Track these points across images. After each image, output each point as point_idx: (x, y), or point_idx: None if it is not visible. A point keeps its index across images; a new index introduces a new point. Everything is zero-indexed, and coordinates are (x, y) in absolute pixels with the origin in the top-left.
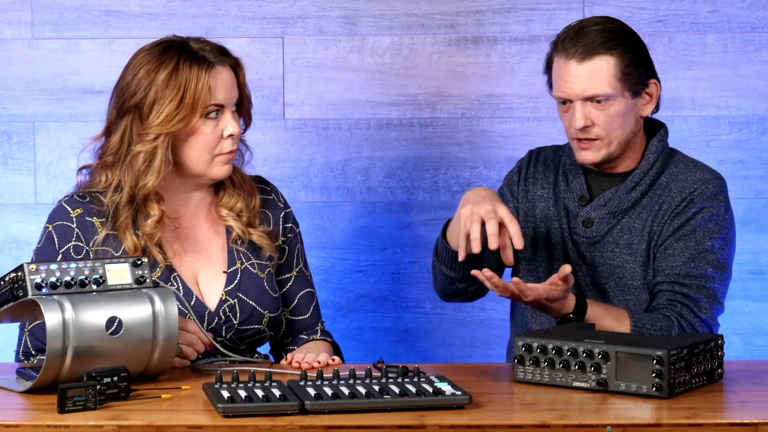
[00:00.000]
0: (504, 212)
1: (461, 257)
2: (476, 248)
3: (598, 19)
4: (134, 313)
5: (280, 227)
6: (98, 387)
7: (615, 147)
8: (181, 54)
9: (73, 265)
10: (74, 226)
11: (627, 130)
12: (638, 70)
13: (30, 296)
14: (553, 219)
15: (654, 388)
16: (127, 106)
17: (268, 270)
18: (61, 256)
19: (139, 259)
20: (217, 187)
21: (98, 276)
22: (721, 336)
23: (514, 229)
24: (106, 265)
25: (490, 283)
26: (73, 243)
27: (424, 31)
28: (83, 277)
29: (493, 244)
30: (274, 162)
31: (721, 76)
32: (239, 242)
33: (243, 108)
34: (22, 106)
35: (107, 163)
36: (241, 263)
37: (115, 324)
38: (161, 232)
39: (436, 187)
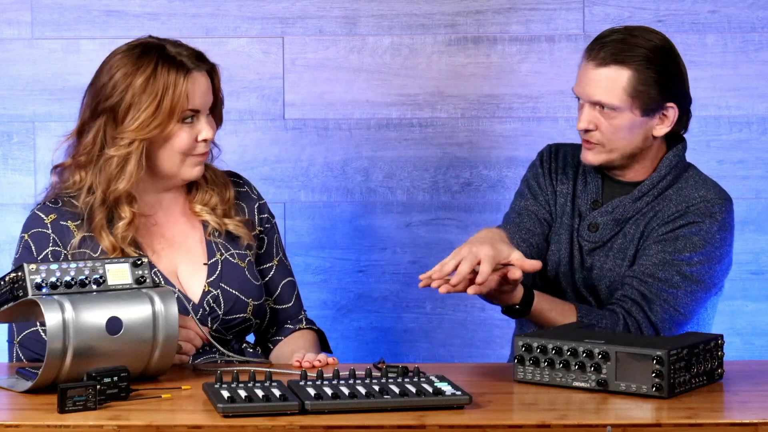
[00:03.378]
0: (485, 255)
1: (434, 285)
2: (435, 284)
3: (638, 29)
4: (134, 313)
5: (256, 217)
6: (98, 387)
7: (616, 156)
8: (159, 58)
9: (73, 265)
10: (50, 231)
11: (632, 144)
12: (655, 90)
13: (30, 296)
14: (567, 216)
15: (654, 388)
16: (102, 107)
17: (248, 259)
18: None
19: (139, 259)
20: (189, 185)
21: (98, 276)
22: (721, 336)
23: (483, 268)
24: (106, 265)
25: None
26: (50, 248)
27: (424, 31)
28: (83, 277)
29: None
30: (274, 162)
31: (721, 76)
32: (216, 234)
33: (216, 111)
34: (22, 106)
35: (80, 163)
36: (221, 254)
37: (115, 324)
38: (134, 232)
39: (436, 187)
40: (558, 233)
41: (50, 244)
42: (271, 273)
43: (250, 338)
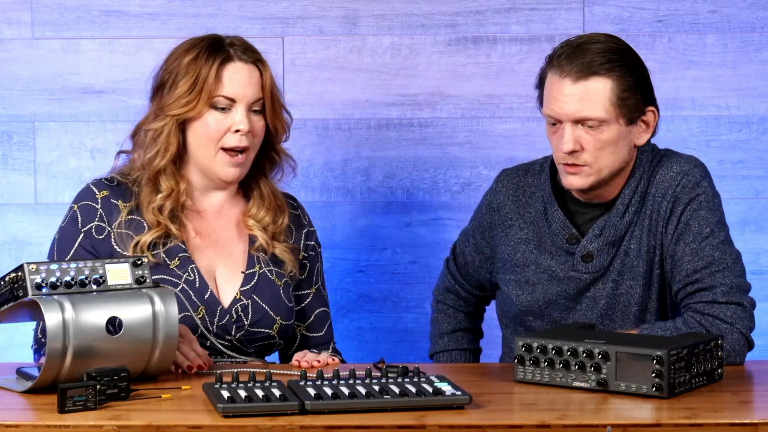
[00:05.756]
0: None
1: None
2: None
3: (599, 36)
4: (134, 313)
5: (302, 243)
6: (98, 387)
7: (605, 174)
8: (208, 45)
9: (73, 265)
10: (98, 206)
11: (618, 159)
12: (636, 96)
13: (30, 296)
14: (539, 263)
15: (654, 388)
16: (154, 86)
17: (285, 280)
18: (82, 235)
19: (139, 259)
20: (248, 197)
21: (98, 276)
22: (721, 336)
23: None
24: (106, 265)
25: None
26: (96, 223)
27: (424, 31)
28: (83, 277)
29: None
30: None
31: (721, 76)
32: (261, 251)
33: (273, 114)
34: (22, 106)
35: (136, 142)
36: (260, 267)
37: (115, 324)
38: (175, 208)
39: (436, 187)
40: (532, 283)
41: (96, 219)
42: (308, 300)
43: (274, 358)
